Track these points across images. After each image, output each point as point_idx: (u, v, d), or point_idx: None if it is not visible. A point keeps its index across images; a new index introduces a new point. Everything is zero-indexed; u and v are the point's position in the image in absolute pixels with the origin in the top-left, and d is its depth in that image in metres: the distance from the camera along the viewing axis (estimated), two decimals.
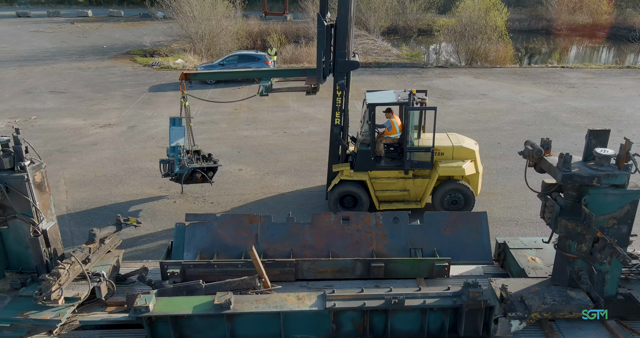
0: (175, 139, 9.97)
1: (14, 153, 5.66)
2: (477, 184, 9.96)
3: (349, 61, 9.36)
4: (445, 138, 10.19)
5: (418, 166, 9.66)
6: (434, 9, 46.33)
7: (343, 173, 9.77)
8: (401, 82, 21.98)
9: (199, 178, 10.28)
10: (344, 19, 9.07)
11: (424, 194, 9.86)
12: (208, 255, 6.50)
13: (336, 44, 9.18)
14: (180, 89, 9.95)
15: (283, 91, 10.94)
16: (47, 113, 17.38)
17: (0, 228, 5.83)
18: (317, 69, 9.25)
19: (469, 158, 9.85)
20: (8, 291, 5.69)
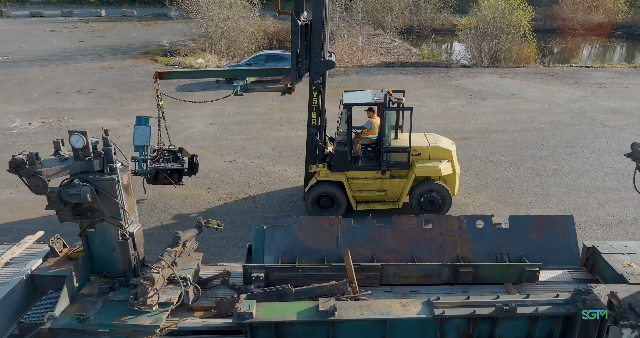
0: (139, 139, 9.86)
1: (103, 154, 5.56)
2: (454, 184, 9.96)
3: (324, 61, 9.31)
4: (422, 138, 10.17)
5: (395, 166, 9.66)
6: (448, 8, 46.08)
7: (320, 173, 9.74)
8: (428, 82, 21.83)
9: (164, 179, 10.02)
10: (319, 19, 9.00)
11: (401, 195, 9.85)
12: (289, 259, 6.39)
13: (312, 44, 9.12)
14: (155, 87, 9.85)
15: (258, 90, 10.86)
16: (79, 113, 17.33)
17: (87, 231, 5.76)
18: (292, 68, 9.16)
19: (446, 158, 9.82)
20: (97, 295, 5.60)
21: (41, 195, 5.34)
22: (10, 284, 5.71)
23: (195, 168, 10.55)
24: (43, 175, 5.21)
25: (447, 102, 18.40)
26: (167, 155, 10.11)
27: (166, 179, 10.01)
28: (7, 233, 9.40)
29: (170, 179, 9.97)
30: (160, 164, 9.92)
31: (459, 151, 13.28)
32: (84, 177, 5.47)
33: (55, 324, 5.07)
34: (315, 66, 9.21)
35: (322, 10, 8.94)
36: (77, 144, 5.42)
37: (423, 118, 16.30)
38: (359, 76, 23.38)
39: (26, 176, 5.27)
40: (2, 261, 6.16)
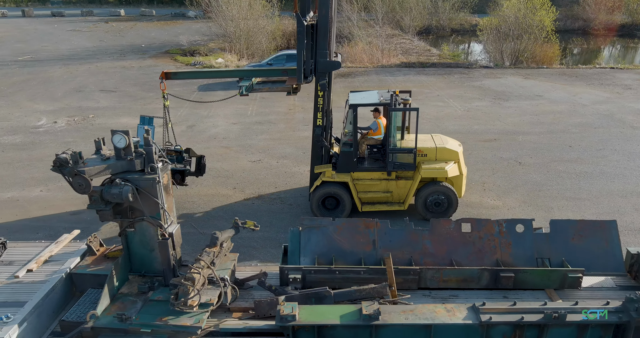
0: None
1: (144, 154, 5.56)
2: (460, 186, 9.82)
3: (330, 61, 9.21)
4: (429, 139, 10.05)
5: (401, 167, 9.55)
6: (467, 8, 45.63)
7: (325, 174, 9.65)
8: (450, 83, 21.63)
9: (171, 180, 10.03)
10: (325, 19, 8.88)
11: (407, 196, 9.74)
12: (325, 261, 6.33)
13: (317, 44, 9.03)
14: (161, 88, 9.85)
15: (264, 91, 10.81)
16: (104, 112, 17.48)
17: (127, 231, 5.77)
18: (298, 69, 9.09)
19: (453, 160, 9.70)
20: (136, 294, 5.60)
21: (83, 194, 5.36)
22: (50, 282, 5.74)
23: (203, 169, 10.56)
24: (86, 174, 5.23)
25: (470, 103, 18.20)
26: (171, 155, 10.10)
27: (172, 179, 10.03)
28: (39, 230, 9.49)
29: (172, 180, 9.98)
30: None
31: (485, 152, 13.15)
32: (125, 176, 5.48)
33: (97, 323, 5.08)
34: (321, 66, 9.16)
35: (328, 10, 8.86)
36: (120, 144, 5.43)
37: (447, 119, 16.14)
38: (379, 76, 23.25)
39: (69, 175, 5.29)
40: (41, 259, 6.20)
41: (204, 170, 10.55)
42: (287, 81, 9.95)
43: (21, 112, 17.66)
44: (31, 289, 5.64)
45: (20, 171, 12.28)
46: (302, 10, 9.12)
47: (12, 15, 52.17)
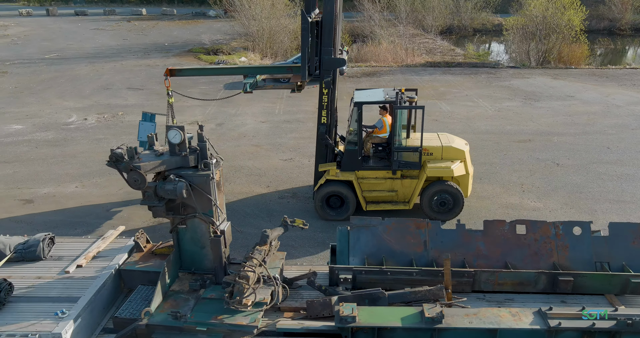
0: (144, 135, 9.80)
1: (198, 150, 5.50)
2: (467, 185, 9.63)
3: (335, 59, 9.10)
4: (435, 138, 9.87)
5: (406, 166, 9.41)
6: (489, 8, 45.07)
7: (329, 172, 9.53)
8: (478, 83, 21.33)
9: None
10: (330, 16, 8.79)
11: (412, 195, 9.59)
12: (375, 261, 6.20)
13: (322, 41, 8.92)
14: (165, 84, 9.83)
15: (268, 88, 10.75)
16: (132, 109, 17.58)
17: (178, 227, 5.71)
18: (302, 66, 8.96)
19: (459, 159, 9.52)
20: (188, 292, 5.54)
21: (137, 190, 5.32)
22: (101, 278, 5.71)
23: None
24: (142, 170, 5.18)
25: (500, 103, 17.89)
26: None
27: None
28: (77, 226, 9.52)
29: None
30: None
31: (520, 153, 12.89)
32: (179, 172, 5.42)
33: (151, 320, 5.03)
34: (325, 63, 9.07)
35: (333, 7, 8.79)
36: (175, 140, 5.37)
37: (478, 119, 15.89)
38: (405, 75, 23.03)
39: (125, 171, 5.25)
40: (89, 255, 6.18)
41: None
42: (292, 79, 9.91)
43: (51, 109, 17.85)
44: (82, 285, 5.62)
45: (54, 167, 12.38)
46: (307, 7, 9.07)
47: (36, 14, 53.03)
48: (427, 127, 13.03)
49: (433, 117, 16.15)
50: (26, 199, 10.66)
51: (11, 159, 12.94)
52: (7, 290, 5.30)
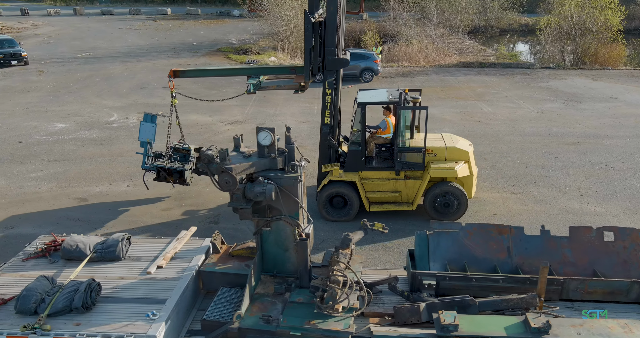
0: (144, 135, 9.85)
1: (286, 152, 5.44)
2: (471, 186, 9.54)
3: (338, 59, 9.03)
4: (439, 139, 9.79)
5: (409, 167, 9.34)
6: (516, 8, 44.42)
7: (332, 173, 9.46)
8: (515, 84, 21.00)
9: (166, 178, 9.90)
10: (333, 16, 8.71)
11: (415, 196, 9.51)
12: (457, 267, 6.06)
13: (325, 41, 8.85)
14: (169, 86, 9.87)
15: (271, 88, 10.65)
16: None
17: (262, 230, 5.66)
18: (305, 66, 8.85)
19: (463, 160, 9.43)
20: (273, 295, 5.48)
21: (227, 192, 5.28)
22: (184, 280, 5.69)
23: None
24: (233, 172, 5.14)
25: (542, 104, 17.58)
26: (174, 154, 10.07)
27: (170, 177, 10.02)
28: (133, 225, 9.56)
29: (171, 178, 9.96)
30: (163, 162, 9.87)
31: (572, 156, 12.62)
32: (267, 174, 5.37)
33: (242, 324, 4.98)
34: (328, 64, 9.02)
35: (336, 7, 8.72)
36: (265, 141, 5.32)
37: (522, 121, 15.62)
38: (439, 76, 22.79)
39: (216, 173, 5.22)
40: (167, 256, 6.17)
41: None
42: (295, 79, 9.85)
43: (91, 108, 18.04)
44: (166, 286, 5.60)
45: (103, 166, 12.47)
46: (311, 8, 9.05)
47: (64, 13, 53.78)
48: (470, 129, 13.09)
49: (475, 118, 15.92)
50: (80, 197, 10.75)
51: (60, 157, 13.09)
52: (97, 291, 5.31)
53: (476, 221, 9.43)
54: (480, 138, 14.08)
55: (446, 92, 19.45)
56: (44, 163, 12.72)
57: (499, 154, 12.79)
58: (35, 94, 20.16)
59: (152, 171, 10.02)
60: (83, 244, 6.17)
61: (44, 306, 5.12)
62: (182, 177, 10.07)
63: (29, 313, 5.08)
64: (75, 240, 6.22)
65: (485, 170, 11.81)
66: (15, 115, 17.08)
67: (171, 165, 9.93)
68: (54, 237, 6.53)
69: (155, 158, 9.93)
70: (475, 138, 14.07)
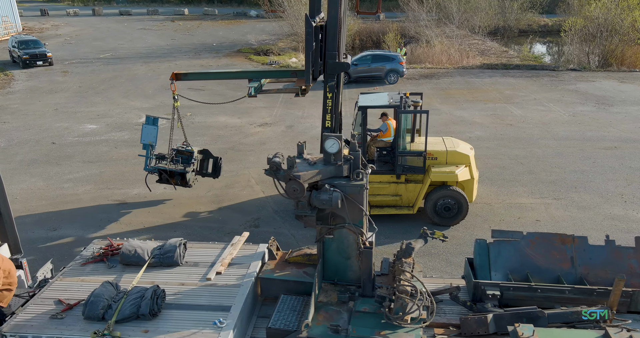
0: (146, 138, 9.92)
1: (352, 159, 5.38)
2: (471, 190, 9.52)
3: (339, 62, 9.01)
4: (440, 142, 9.78)
5: (410, 170, 9.36)
6: (536, 8, 43.96)
7: None
8: (543, 86, 20.76)
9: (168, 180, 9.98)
10: (334, 19, 8.69)
11: (416, 200, 9.51)
12: (519, 277, 5.95)
13: (326, 45, 8.86)
14: (171, 88, 9.94)
15: (272, 92, 10.72)
16: (199, 110, 17.72)
17: (325, 237, 5.61)
18: (306, 70, 8.89)
19: (463, 163, 9.42)
20: (337, 304, 5.43)
21: (294, 199, 5.23)
22: (245, 286, 5.66)
23: (219, 171, 10.62)
24: (301, 179, 5.09)
25: (573, 107, 17.35)
26: (176, 156, 10.11)
27: (173, 180, 10.07)
28: (176, 229, 9.59)
29: (173, 180, 10.03)
30: (165, 164, 9.92)
31: (610, 161, 12.42)
32: (332, 182, 5.32)
33: (310, 333, 4.92)
34: (329, 67, 9.04)
35: (337, 11, 8.70)
36: (332, 149, 5.26)
37: (554, 124, 15.42)
38: (464, 77, 22.61)
39: (284, 180, 5.18)
40: (225, 262, 6.15)
41: (219, 171, 10.70)
42: (296, 83, 9.87)
43: (120, 108, 18.16)
44: (227, 293, 5.57)
45: (138, 168, 12.48)
46: (312, 11, 9.03)
47: (83, 14, 54.37)
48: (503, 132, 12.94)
49: (507, 121, 15.77)
50: (119, 200, 10.81)
51: (94, 159, 13.18)
52: (162, 297, 5.31)
53: (520, 227, 9.31)
54: (514, 141, 13.93)
55: (473, 95, 19.28)
56: (79, 164, 12.82)
57: (535, 159, 12.63)
58: (63, 95, 20.36)
59: (154, 173, 10.12)
60: (141, 249, 6.17)
61: (111, 312, 5.13)
62: (184, 179, 10.19)
63: (96, 319, 5.08)
64: (133, 245, 6.22)
65: (522, 175, 11.68)
66: (45, 116, 17.26)
67: (172, 167, 10.03)
68: (110, 242, 6.55)
69: (157, 160, 10.04)
70: (509, 142, 13.94)
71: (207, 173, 10.65)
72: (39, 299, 5.53)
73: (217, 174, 10.71)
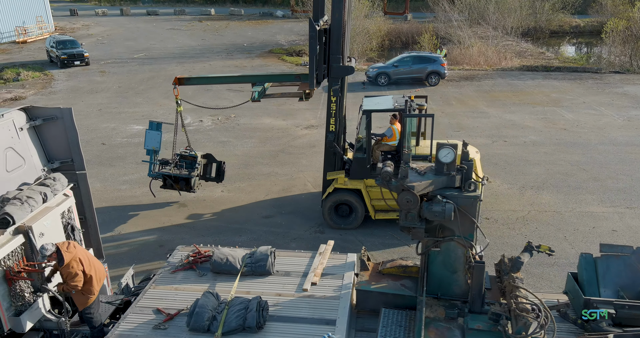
0: (150, 143, 9.85)
1: (465, 169, 5.16)
2: None
3: (343, 66, 8.99)
4: None
5: None
6: (568, 9, 43.04)
7: (337, 181, 9.34)
8: (589, 89, 20.23)
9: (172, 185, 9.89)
10: (338, 23, 8.67)
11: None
12: (630, 294, 5.67)
13: (330, 49, 8.81)
14: (174, 93, 9.90)
15: (276, 96, 10.57)
16: (242, 112, 17.63)
17: (432, 250, 5.40)
18: (310, 74, 8.85)
19: None
20: (445, 320, 5.22)
21: (409, 211, 5.02)
22: (344, 299, 5.50)
23: (222, 175, 10.58)
24: (415, 190, 4.89)
25: (626, 111, 16.84)
26: (180, 161, 10.01)
27: (177, 185, 9.97)
28: (241, 233, 9.47)
29: (177, 186, 9.96)
30: (169, 169, 9.82)
31: None
32: (444, 193, 5.10)
33: None
34: (334, 71, 8.99)
35: (341, 14, 8.66)
36: (446, 159, 5.05)
37: (610, 129, 14.96)
38: (505, 80, 22.16)
39: (396, 191, 4.99)
40: (318, 272, 5.99)
41: (223, 176, 10.64)
42: (300, 87, 9.79)
43: (162, 109, 18.18)
44: (327, 305, 5.42)
45: None
46: (315, 15, 8.95)
47: (111, 14, 54.95)
48: (558, 137, 12.64)
49: (560, 126, 15.35)
50: (178, 202, 10.74)
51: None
52: (266, 309, 5.16)
53: (595, 237, 8.98)
54: (572, 146, 13.54)
55: (519, 98, 18.86)
56: (132, 165, 12.81)
57: (598, 165, 12.24)
58: (104, 95, 20.49)
59: (158, 178, 10.08)
60: (232, 257, 6.05)
61: (216, 324, 5.00)
62: (189, 184, 10.16)
63: (202, 331, 4.97)
64: (224, 253, 6.09)
65: (588, 182, 11.30)
66: (90, 116, 17.35)
67: (177, 173, 9.98)
68: (196, 248, 6.43)
69: (161, 166, 10.00)
70: (567, 147, 13.56)
71: (211, 177, 10.63)
72: (137, 308, 5.44)
73: (220, 179, 10.68)
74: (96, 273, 5.65)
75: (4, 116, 5.66)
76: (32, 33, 36.69)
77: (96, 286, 5.67)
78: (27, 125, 5.99)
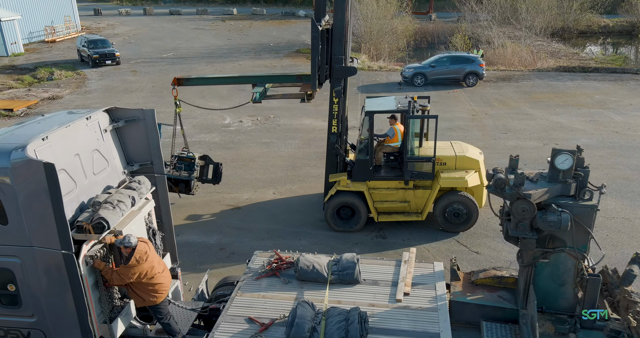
0: None
1: (581, 176, 4.87)
2: (481, 196, 9.10)
3: (345, 67, 8.83)
4: (449, 147, 9.37)
5: (418, 176, 9.02)
6: (597, 9, 42.16)
7: (340, 183, 9.15)
8: (633, 91, 19.70)
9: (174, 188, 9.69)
10: (341, 23, 8.54)
11: (425, 206, 9.17)
12: None
13: (332, 50, 8.64)
14: (173, 94, 9.73)
15: (277, 97, 10.36)
16: (281, 112, 17.48)
17: (540, 261, 5.12)
18: (312, 75, 8.72)
19: (473, 168, 9.06)
20: (555, 335, 4.94)
21: (523, 220, 4.74)
22: (443, 311, 5.25)
23: (219, 177, 10.44)
24: (532, 199, 4.62)
25: None
26: (184, 162, 9.85)
27: (176, 187, 9.79)
28: (300, 237, 9.27)
29: (177, 188, 9.78)
30: (169, 171, 9.61)
31: None
32: (558, 202, 4.82)
33: None
34: (336, 72, 8.83)
35: (344, 14, 8.51)
36: (564, 165, 4.78)
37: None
38: (543, 81, 21.67)
39: (511, 199, 4.72)
40: (408, 282, 5.74)
41: (220, 178, 10.52)
42: (301, 88, 9.60)
43: (201, 110, 17.96)
44: (427, 317, 5.18)
45: (240, 171, 12.32)
46: (317, 15, 8.78)
47: (134, 13, 55.30)
48: (611, 140, 12.30)
49: (611, 128, 14.91)
50: (232, 204, 10.59)
51: None
52: (367, 320, 4.93)
53: None
54: (628, 150, 13.11)
55: (562, 99, 18.40)
56: None
57: None
58: (139, 95, 20.47)
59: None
60: (319, 265, 5.84)
61: (317, 335, 4.80)
62: (188, 186, 10.02)
63: None
64: (310, 260, 5.89)
65: None
66: None
67: (177, 175, 9.83)
68: (277, 255, 6.23)
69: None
70: (622, 150, 13.13)
71: (208, 179, 10.51)
72: (228, 316, 5.25)
73: (217, 180, 10.55)
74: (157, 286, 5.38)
75: (91, 117, 5.51)
76: (60, 32, 37.02)
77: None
78: (110, 127, 5.85)
